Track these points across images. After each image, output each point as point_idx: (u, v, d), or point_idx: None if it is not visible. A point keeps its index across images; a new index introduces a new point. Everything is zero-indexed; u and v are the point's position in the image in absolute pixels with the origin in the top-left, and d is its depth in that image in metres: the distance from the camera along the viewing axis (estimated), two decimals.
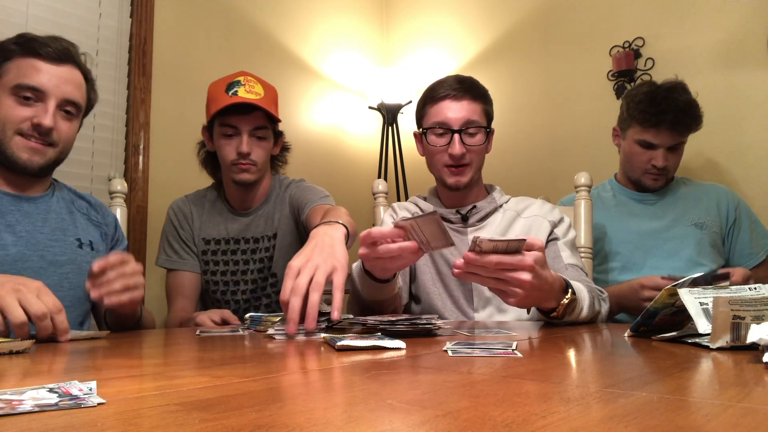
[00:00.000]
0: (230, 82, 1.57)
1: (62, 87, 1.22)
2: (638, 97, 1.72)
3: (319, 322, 1.01)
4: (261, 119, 1.58)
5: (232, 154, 1.57)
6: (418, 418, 0.39)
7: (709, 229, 1.73)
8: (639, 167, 1.77)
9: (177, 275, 1.67)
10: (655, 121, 1.68)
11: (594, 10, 2.58)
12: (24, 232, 1.22)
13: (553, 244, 1.38)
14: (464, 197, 1.48)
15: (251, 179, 1.61)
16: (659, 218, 1.77)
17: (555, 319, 1.07)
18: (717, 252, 1.74)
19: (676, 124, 1.67)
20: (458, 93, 1.41)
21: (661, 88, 1.70)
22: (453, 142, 1.40)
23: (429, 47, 3.16)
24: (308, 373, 0.60)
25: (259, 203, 1.70)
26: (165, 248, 1.69)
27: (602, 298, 1.25)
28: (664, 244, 1.73)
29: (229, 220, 1.69)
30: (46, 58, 1.20)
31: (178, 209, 1.72)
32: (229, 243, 1.68)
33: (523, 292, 0.94)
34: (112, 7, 2.22)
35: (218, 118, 1.58)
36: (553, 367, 0.63)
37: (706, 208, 1.77)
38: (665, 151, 1.72)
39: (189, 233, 1.69)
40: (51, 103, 1.20)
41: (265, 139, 1.61)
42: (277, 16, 2.79)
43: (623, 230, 1.78)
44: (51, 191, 1.33)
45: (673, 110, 1.66)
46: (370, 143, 3.18)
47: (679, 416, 0.39)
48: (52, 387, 0.47)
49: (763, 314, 0.68)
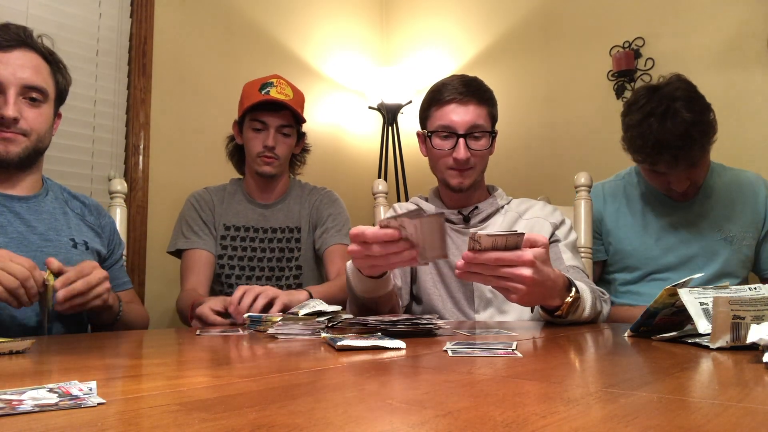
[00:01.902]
0: (264, 83, 1.72)
1: (18, 74, 1.17)
2: (630, 131, 1.51)
3: (320, 322, 1.02)
4: (288, 118, 1.73)
5: (259, 147, 1.71)
6: (418, 418, 0.39)
7: (739, 242, 1.59)
8: (661, 188, 1.61)
9: (193, 253, 1.72)
10: (652, 162, 1.49)
11: (594, 10, 2.58)
12: (15, 233, 1.20)
13: (555, 246, 1.38)
14: (466, 198, 1.47)
15: (273, 172, 1.74)
16: (688, 228, 1.62)
17: (559, 318, 1.07)
18: (743, 266, 1.62)
19: (677, 159, 1.45)
20: (464, 97, 1.39)
21: (654, 116, 1.44)
22: (458, 146, 1.38)
23: (429, 47, 3.16)
24: (308, 373, 0.60)
25: (277, 198, 1.83)
26: (183, 231, 1.75)
27: (603, 299, 1.25)
28: (689, 262, 1.60)
29: (248, 209, 1.80)
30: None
31: (200, 197, 1.80)
32: (249, 230, 1.78)
33: (524, 288, 0.94)
34: (112, 7, 2.22)
35: (249, 114, 1.73)
36: (554, 367, 0.63)
37: (741, 217, 1.60)
38: (682, 173, 1.50)
39: (210, 217, 1.77)
40: (10, 92, 1.16)
41: (290, 136, 1.76)
42: (277, 16, 2.79)
43: (647, 242, 1.66)
44: (44, 191, 1.31)
45: (670, 147, 1.43)
46: (370, 143, 3.18)
47: (679, 416, 0.39)
48: (52, 387, 0.47)
49: (763, 314, 0.68)
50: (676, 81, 1.52)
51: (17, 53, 1.18)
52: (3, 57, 1.17)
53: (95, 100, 2.16)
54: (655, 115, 1.44)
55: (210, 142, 2.44)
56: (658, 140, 1.43)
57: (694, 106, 1.44)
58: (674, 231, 1.64)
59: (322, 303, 1.10)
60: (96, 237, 1.36)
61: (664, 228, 1.65)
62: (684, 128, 1.41)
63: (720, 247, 1.60)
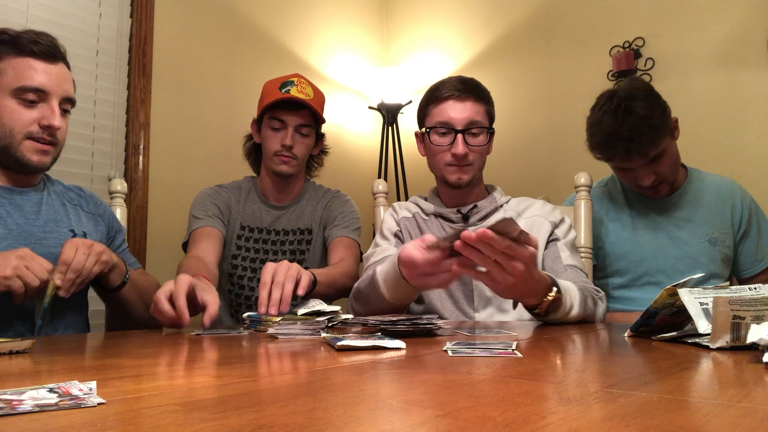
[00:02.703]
0: (284, 81, 1.70)
1: (62, 86, 1.22)
2: (589, 130, 1.61)
3: (320, 322, 1.02)
4: (307, 117, 1.70)
5: (277, 146, 1.69)
6: (418, 418, 0.39)
7: (721, 243, 1.66)
8: (632, 186, 1.68)
9: (202, 229, 1.65)
10: (608, 156, 1.58)
11: (594, 10, 2.58)
12: (14, 225, 1.22)
13: (554, 245, 1.38)
14: (465, 196, 1.48)
15: (290, 171, 1.71)
16: (674, 232, 1.67)
17: (538, 316, 1.10)
18: (727, 265, 1.68)
19: (629, 152, 1.53)
20: (462, 93, 1.41)
21: (607, 114, 1.55)
22: (456, 142, 1.40)
23: (429, 48, 3.16)
24: (308, 373, 0.60)
25: (292, 200, 1.80)
26: (196, 216, 1.68)
27: (598, 297, 1.25)
28: (678, 263, 1.65)
29: (263, 210, 1.78)
30: (40, 56, 1.20)
31: (214, 192, 1.75)
32: (262, 232, 1.77)
33: (513, 281, 0.96)
34: (112, 7, 2.22)
35: (268, 112, 1.70)
36: (553, 367, 0.63)
37: (721, 219, 1.67)
38: (646, 167, 1.58)
39: (226, 209, 1.74)
40: (54, 102, 1.21)
41: (308, 136, 1.73)
42: (277, 17, 2.79)
43: (636, 245, 1.69)
44: (42, 183, 1.33)
45: (621, 139, 1.52)
46: (370, 143, 3.18)
47: (679, 416, 0.39)
48: (52, 387, 0.47)
49: (763, 314, 0.68)
50: (632, 82, 1.65)
51: (59, 66, 1.23)
52: (49, 68, 1.21)
53: (95, 100, 2.16)
54: (608, 112, 1.55)
55: (210, 142, 2.44)
56: (610, 134, 1.54)
57: (647, 104, 1.54)
58: (662, 234, 1.68)
59: (322, 303, 1.10)
60: (95, 226, 1.38)
61: (651, 230, 1.70)
62: (633, 122, 1.51)
63: (705, 249, 1.65)
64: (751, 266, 1.70)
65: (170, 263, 1.88)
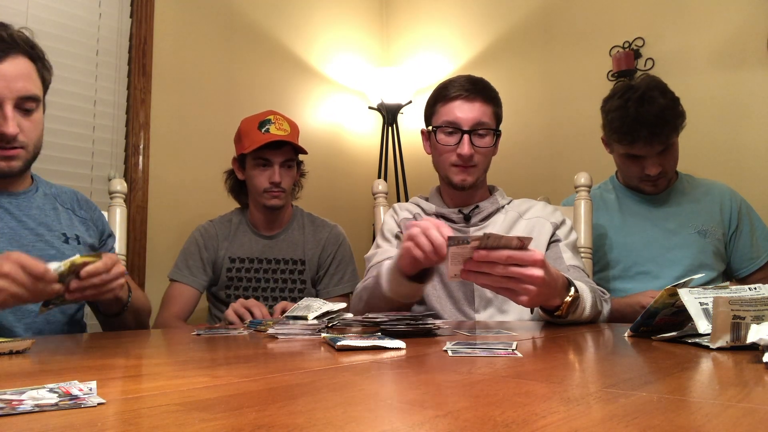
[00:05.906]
0: (262, 120, 1.78)
1: (13, 86, 1.10)
2: (610, 114, 1.65)
3: (320, 322, 1.01)
4: (289, 152, 1.80)
5: (265, 183, 1.78)
6: (418, 418, 0.39)
7: (712, 236, 1.69)
8: (634, 177, 1.72)
9: (181, 286, 1.79)
10: (631, 139, 1.62)
11: (594, 10, 2.58)
12: (6, 229, 1.18)
13: (555, 246, 1.38)
14: (468, 197, 1.47)
15: (281, 204, 1.81)
16: (663, 223, 1.73)
17: (558, 318, 1.07)
18: (719, 258, 1.71)
19: (653, 137, 1.59)
20: (471, 94, 1.40)
21: (631, 101, 1.60)
22: (462, 142, 1.39)
23: (429, 48, 3.16)
24: (308, 373, 0.60)
25: (281, 228, 1.89)
26: (179, 264, 1.82)
27: (604, 299, 1.25)
28: (667, 253, 1.69)
29: (253, 241, 1.86)
30: None
31: (205, 231, 1.86)
32: (253, 262, 1.84)
33: (536, 289, 0.93)
34: (112, 7, 2.22)
35: (252, 152, 1.76)
36: (554, 367, 0.63)
37: (710, 214, 1.72)
38: (655, 158, 1.65)
39: (213, 254, 1.84)
40: (7, 107, 1.10)
41: (292, 168, 1.84)
42: (278, 17, 2.79)
43: (626, 237, 1.74)
44: (33, 187, 1.28)
45: (647, 125, 1.57)
46: (370, 143, 3.18)
47: (679, 416, 0.39)
48: (52, 387, 0.47)
49: (763, 314, 0.68)
50: (649, 77, 1.71)
51: (7, 63, 1.10)
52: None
53: (95, 100, 2.16)
54: (632, 100, 1.61)
55: (210, 142, 2.44)
56: (636, 119, 1.59)
57: (666, 95, 1.63)
58: (651, 225, 1.74)
59: (326, 303, 1.10)
60: (87, 230, 1.35)
61: (641, 223, 1.75)
62: (659, 109, 1.58)
63: (694, 240, 1.70)
64: (747, 264, 1.72)
65: (170, 263, 1.88)
